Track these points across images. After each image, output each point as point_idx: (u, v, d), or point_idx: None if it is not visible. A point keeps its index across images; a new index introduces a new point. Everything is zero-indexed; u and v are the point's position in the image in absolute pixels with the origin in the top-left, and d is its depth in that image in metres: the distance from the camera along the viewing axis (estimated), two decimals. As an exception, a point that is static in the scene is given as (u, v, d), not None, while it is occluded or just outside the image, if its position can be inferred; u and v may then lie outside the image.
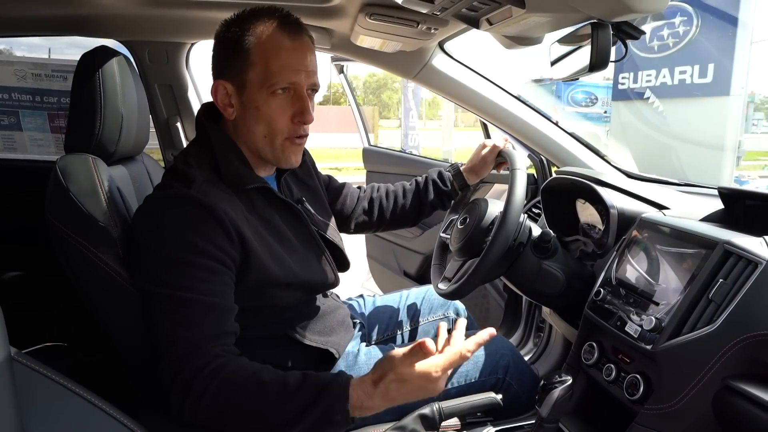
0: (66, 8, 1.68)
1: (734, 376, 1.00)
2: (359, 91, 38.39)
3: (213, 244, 1.05)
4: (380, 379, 0.96)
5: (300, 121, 1.18)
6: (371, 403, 0.96)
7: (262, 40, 1.13)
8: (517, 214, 1.37)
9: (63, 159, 1.19)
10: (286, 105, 1.16)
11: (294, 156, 1.23)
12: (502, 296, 2.33)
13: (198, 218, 1.05)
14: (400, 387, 0.96)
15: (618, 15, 1.03)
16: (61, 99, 2.09)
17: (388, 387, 0.96)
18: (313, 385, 0.97)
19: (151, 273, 1.05)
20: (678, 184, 1.77)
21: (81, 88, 1.25)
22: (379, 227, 1.72)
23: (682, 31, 7.41)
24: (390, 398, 0.97)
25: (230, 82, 1.17)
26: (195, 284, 1.02)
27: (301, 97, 1.16)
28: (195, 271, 1.03)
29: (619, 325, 1.22)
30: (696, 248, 1.15)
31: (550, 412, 1.14)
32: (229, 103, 1.18)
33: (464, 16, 1.26)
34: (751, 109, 9.18)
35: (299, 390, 0.97)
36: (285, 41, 1.14)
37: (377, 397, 0.96)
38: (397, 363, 0.96)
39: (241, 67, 1.14)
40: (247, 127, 1.19)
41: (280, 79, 1.13)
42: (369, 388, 0.97)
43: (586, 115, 13.27)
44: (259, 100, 1.15)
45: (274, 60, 1.13)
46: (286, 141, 1.19)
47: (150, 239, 1.06)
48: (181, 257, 1.03)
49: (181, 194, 1.08)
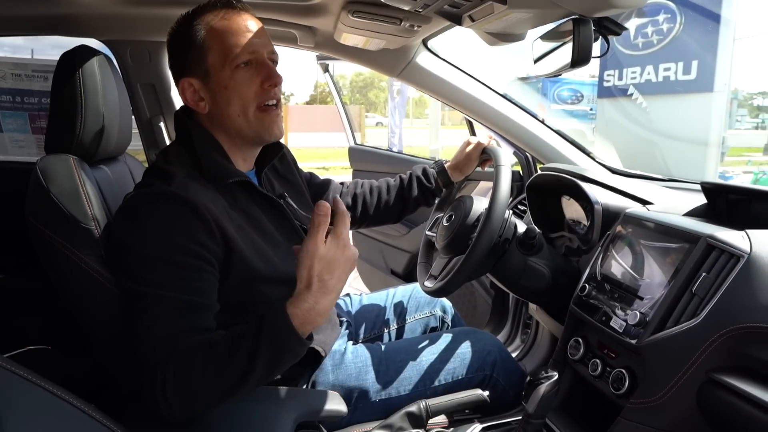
0: (45, 7, 1.66)
1: (718, 369, 1.01)
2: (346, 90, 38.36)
3: (194, 240, 1.04)
4: (308, 279, 0.96)
5: (270, 84, 1.18)
6: (314, 307, 0.96)
7: (211, 25, 1.16)
8: (502, 210, 1.37)
9: (43, 160, 1.18)
10: (252, 76, 1.17)
11: (275, 126, 1.22)
12: (489, 293, 2.34)
13: (178, 215, 1.04)
14: (328, 269, 0.96)
15: (599, 10, 1.03)
16: (42, 99, 2.07)
17: (319, 279, 0.95)
18: (253, 323, 0.96)
19: (130, 270, 1.04)
20: (662, 179, 1.78)
21: (61, 88, 1.23)
22: (362, 223, 1.72)
23: (666, 28, 7.46)
24: (327, 288, 0.96)
25: (194, 77, 1.18)
26: (174, 281, 1.01)
27: (264, 64, 1.18)
28: (174, 268, 1.02)
29: (604, 320, 1.23)
30: (679, 243, 1.16)
31: (536, 408, 1.14)
32: (200, 98, 1.19)
33: (446, 12, 1.26)
34: (735, 106, 9.27)
35: (243, 334, 0.96)
36: (233, 18, 1.17)
37: (315, 295, 0.96)
38: (310, 250, 0.95)
39: (200, 58, 1.17)
40: (221, 112, 1.19)
41: (240, 52, 1.15)
42: (304, 294, 0.96)
43: (572, 112, 13.35)
44: (225, 79, 1.16)
45: (228, 36, 1.15)
46: (257, 112, 1.19)
47: (129, 237, 1.05)
48: (160, 255, 1.02)
49: (161, 191, 1.07)
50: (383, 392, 1.35)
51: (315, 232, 0.95)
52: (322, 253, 0.95)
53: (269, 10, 1.70)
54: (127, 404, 1.20)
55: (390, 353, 1.41)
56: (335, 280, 0.97)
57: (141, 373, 0.97)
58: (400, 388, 1.36)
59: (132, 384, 1.15)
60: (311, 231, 0.96)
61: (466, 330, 1.56)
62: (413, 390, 1.37)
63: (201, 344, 0.97)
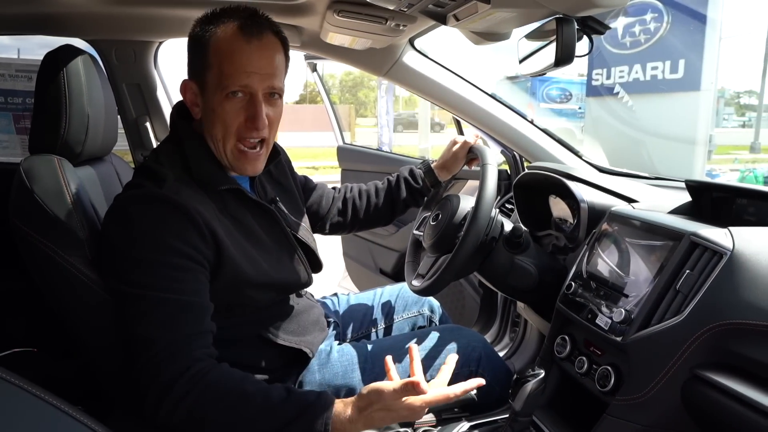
0: (29, 6, 1.64)
1: (702, 365, 1.01)
2: (335, 90, 38.30)
3: (186, 242, 1.04)
4: (366, 408, 0.99)
5: (252, 126, 1.14)
6: (352, 427, 0.99)
7: (218, 41, 1.11)
8: (489, 209, 1.37)
9: (27, 160, 1.17)
10: (240, 109, 1.13)
11: (249, 166, 1.19)
12: (477, 292, 2.34)
13: (170, 217, 1.04)
14: (384, 416, 1.00)
15: (581, 10, 1.04)
16: (26, 99, 2.05)
17: (372, 416, 1.00)
18: (298, 402, 0.99)
19: (123, 274, 1.03)
20: (648, 177, 1.79)
21: (45, 88, 1.23)
22: (353, 228, 1.72)
23: (653, 28, 7.52)
24: (372, 425, 1.00)
25: (195, 82, 1.17)
26: (169, 284, 1.01)
27: (254, 101, 1.13)
28: (168, 270, 1.02)
29: (590, 318, 1.24)
30: (664, 240, 1.16)
31: (523, 406, 1.15)
32: (196, 103, 1.18)
33: (431, 12, 1.27)
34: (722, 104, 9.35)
35: (283, 406, 0.99)
36: (240, 43, 1.11)
37: (360, 422, 1.00)
38: (386, 397, 0.99)
39: (202, 68, 1.14)
40: (208, 129, 1.17)
41: (231, 82, 1.11)
42: (353, 414, 1.00)
43: (561, 111, 13.42)
44: (215, 103, 1.13)
45: (227, 62, 1.10)
46: (235, 148, 1.16)
47: (121, 239, 1.05)
48: (153, 257, 1.02)
49: (153, 193, 1.07)
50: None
51: (400, 389, 0.99)
52: (388, 402, 1.00)
53: (255, 10, 1.69)
54: (113, 406, 1.20)
55: (376, 351, 1.41)
56: (382, 423, 1.01)
57: (147, 379, 0.97)
58: (388, 386, 1.36)
59: (121, 385, 1.15)
60: (401, 384, 0.99)
61: (450, 327, 1.56)
62: (400, 388, 1.37)
63: (234, 389, 0.99)
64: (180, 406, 0.95)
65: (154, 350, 0.97)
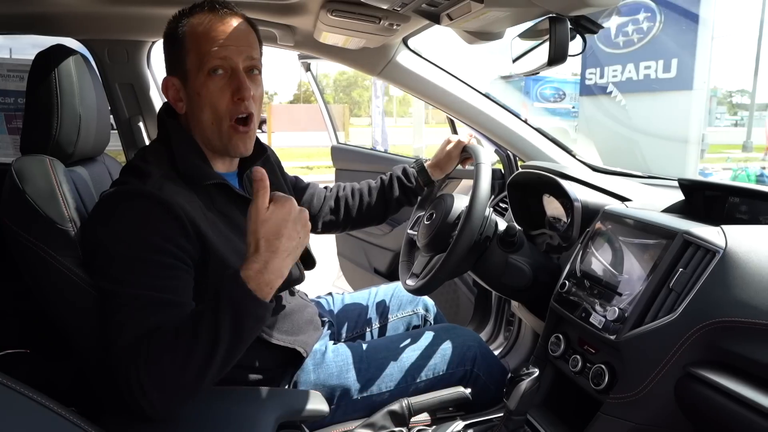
0: (20, 6, 1.63)
1: (695, 363, 1.02)
2: (330, 90, 38.27)
3: (168, 240, 1.03)
4: (255, 243, 0.98)
5: (239, 98, 1.16)
6: (265, 267, 0.98)
7: (192, 27, 1.16)
8: (482, 208, 1.37)
9: (19, 161, 1.16)
10: (224, 85, 1.15)
11: (242, 143, 1.21)
12: (472, 291, 2.34)
13: (153, 214, 1.04)
14: (275, 233, 0.99)
15: (574, 9, 1.04)
16: (18, 99, 2.03)
17: (266, 241, 0.98)
18: (211, 296, 0.98)
19: (104, 270, 1.03)
20: (641, 176, 1.80)
21: (36, 88, 1.22)
22: (346, 227, 1.72)
23: (646, 27, 7.55)
24: (277, 249, 0.99)
25: (176, 76, 1.19)
26: (149, 281, 1.00)
27: (237, 74, 1.16)
28: (149, 267, 1.01)
29: (584, 317, 1.24)
30: (657, 239, 1.17)
31: (517, 405, 1.15)
32: (179, 98, 1.20)
33: (425, 11, 1.27)
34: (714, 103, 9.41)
35: (203, 309, 0.97)
36: (213, 22, 1.16)
37: (263, 256, 0.98)
38: (253, 216, 0.99)
39: (181, 58, 1.17)
40: (196, 117, 1.19)
41: (211, 58, 1.14)
42: (253, 257, 0.98)
43: (555, 110, 13.46)
44: (198, 85, 1.15)
45: (204, 41, 1.14)
46: (230, 128, 1.18)
47: (103, 236, 1.04)
48: (134, 254, 1.01)
49: (135, 190, 1.07)
50: (365, 390, 1.35)
51: (255, 199, 0.99)
52: (264, 217, 0.99)
53: (248, 9, 1.68)
54: (106, 407, 1.19)
55: (371, 351, 1.41)
56: (285, 239, 1.00)
57: (116, 371, 0.95)
58: (382, 385, 1.37)
59: (111, 386, 1.14)
60: (254, 199, 0.99)
61: (446, 326, 1.56)
62: (395, 387, 1.37)
63: (166, 332, 0.96)
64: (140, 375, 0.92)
65: (124, 343, 0.96)
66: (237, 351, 0.99)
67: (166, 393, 0.94)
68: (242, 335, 0.98)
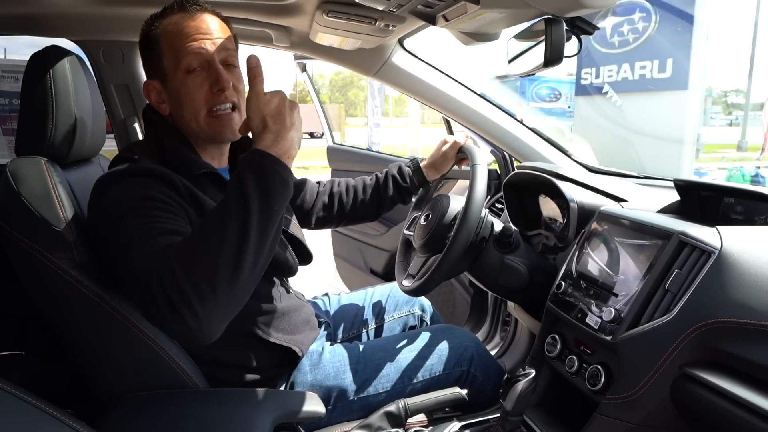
0: (15, 6, 1.63)
1: (691, 363, 1.02)
2: (325, 90, 38.25)
3: (165, 194, 1.05)
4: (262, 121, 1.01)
5: (217, 89, 1.18)
6: (277, 137, 1.00)
7: (165, 29, 1.18)
8: (479, 209, 1.37)
9: (14, 162, 1.16)
10: (201, 81, 1.18)
11: (226, 128, 1.21)
12: (468, 291, 2.35)
13: (150, 180, 1.06)
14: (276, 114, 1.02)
15: (570, 10, 1.04)
16: (13, 100, 2.03)
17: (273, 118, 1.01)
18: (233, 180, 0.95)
19: (110, 235, 1.00)
20: (637, 177, 1.80)
21: (31, 90, 1.22)
22: (339, 222, 1.72)
23: (641, 27, 7.58)
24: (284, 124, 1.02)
25: (155, 79, 1.22)
26: (152, 223, 0.98)
27: (214, 67, 1.18)
28: (153, 212, 1.00)
29: (580, 317, 1.24)
30: (653, 239, 1.17)
31: (514, 405, 1.15)
32: (161, 99, 1.22)
33: (420, 12, 1.27)
34: (709, 103, 9.44)
35: (228, 188, 0.95)
36: (184, 19, 1.18)
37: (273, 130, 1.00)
38: (253, 99, 1.02)
39: (157, 60, 1.20)
40: (179, 115, 1.21)
41: (186, 53, 1.16)
42: (264, 133, 1.00)
43: (551, 110, 13.49)
44: (177, 84, 1.18)
45: (177, 38, 1.17)
46: (207, 116, 1.20)
47: (102, 206, 1.05)
48: (135, 206, 1.01)
49: (130, 167, 1.09)
50: (362, 391, 1.35)
51: (253, 84, 1.03)
52: (264, 99, 1.02)
53: (243, 10, 1.69)
54: (103, 410, 1.19)
55: (368, 352, 1.41)
56: (287, 116, 1.03)
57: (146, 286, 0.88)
58: (379, 386, 1.37)
59: (108, 388, 1.14)
60: (251, 85, 1.04)
61: (442, 327, 1.57)
62: (392, 388, 1.37)
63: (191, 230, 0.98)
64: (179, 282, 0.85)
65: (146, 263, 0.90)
66: (269, 225, 0.93)
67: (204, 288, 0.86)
68: (270, 201, 0.93)
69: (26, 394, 0.79)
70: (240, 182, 0.93)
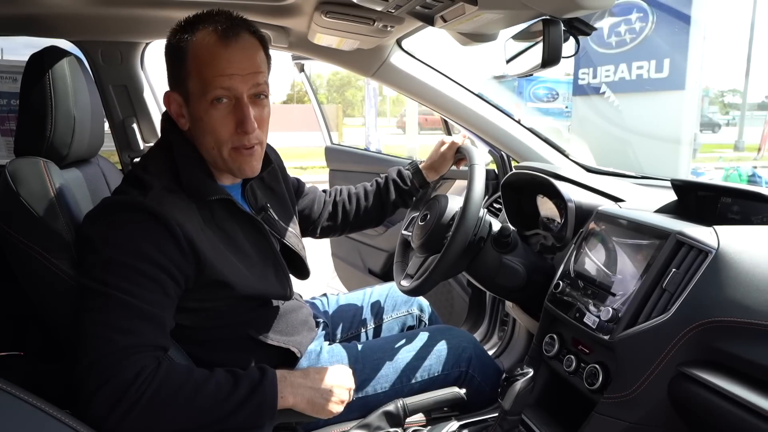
0: (14, 7, 1.63)
1: (688, 362, 1.03)
2: (323, 90, 38.21)
3: (161, 252, 1.02)
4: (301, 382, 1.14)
5: (242, 131, 1.12)
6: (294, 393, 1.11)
7: (196, 48, 1.09)
8: (477, 209, 1.38)
9: (13, 163, 1.16)
10: (227, 115, 1.11)
11: (247, 166, 1.17)
12: (466, 291, 2.35)
13: (150, 227, 1.02)
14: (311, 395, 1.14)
15: (568, 11, 1.04)
16: (12, 101, 2.02)
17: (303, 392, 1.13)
18: (247, 382, 1.05)
19: (92, 270, 1.01)
20: (634, 177, 1.80)
21: (30, 90, 1.22)
22: (343, 230, 1.71)
23: (638, 27, 7.58)
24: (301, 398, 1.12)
25: (178, 93, 1.15)
26: (136, 290, 0.99)
27: (241, 105, 1.11)
28: (138, 276, 1.00)
29: (578, 317, 1.25)
30: (650, 239, 1.18)
31: (512, 405, 1.15)
32: (181, 114, 1.16)
33: (419, 13, 1.27)
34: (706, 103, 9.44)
35: (235, 388, 1.03)
36: (217, 47, 1.09)
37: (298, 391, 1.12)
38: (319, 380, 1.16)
39: (184, 78, 1.12)
40: (198, 139, 1.15)
41: (213, 88, 1.08)
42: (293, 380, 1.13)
43: (548, 110, 13.49)
44: (201, 112, 1.11)
45: (206, 68, 1.08)
46: (233, 151, 1.14)
47: (98, 238, 1.03)
48: (127, 261, 1.00)
49: (135, 202, 1.05)
50: (360, 391, 1.35)
51: None
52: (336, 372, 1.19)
53: (241, 11, 1.68)
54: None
55: (366, 352, 1.41)
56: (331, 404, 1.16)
57: (97, 384, 0.92)
58: (377, 386, 1.37)
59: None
60: None
61: (441, 327, 1.57)
62: (390, 388, 1.38)
63: (185, 383, 1.00)
64: (134, 409, 0.92)
65: (107, 353, 0.94)
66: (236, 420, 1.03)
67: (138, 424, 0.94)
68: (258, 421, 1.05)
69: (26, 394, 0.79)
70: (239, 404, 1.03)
